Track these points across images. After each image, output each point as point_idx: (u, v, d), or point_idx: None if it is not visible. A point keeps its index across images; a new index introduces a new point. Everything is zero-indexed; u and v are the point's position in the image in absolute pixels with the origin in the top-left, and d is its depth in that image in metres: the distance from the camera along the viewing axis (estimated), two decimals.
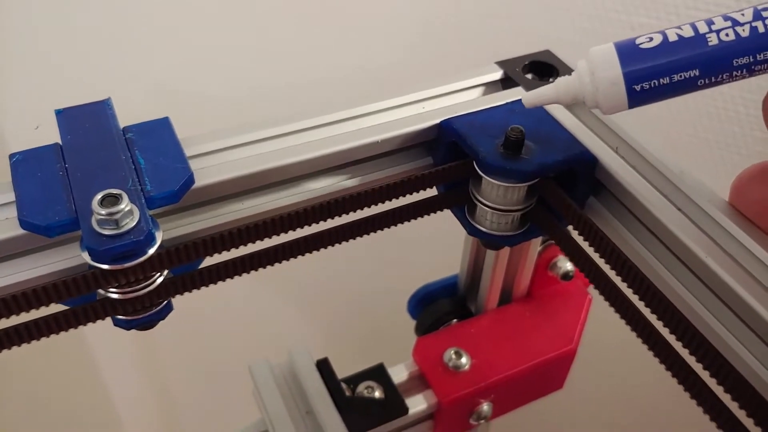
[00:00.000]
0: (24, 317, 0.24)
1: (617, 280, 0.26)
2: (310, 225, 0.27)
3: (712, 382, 0.23)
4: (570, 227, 0.28)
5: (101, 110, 0.28)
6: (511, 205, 0.28)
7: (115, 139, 0.26)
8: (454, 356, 0.37)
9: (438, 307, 0.41)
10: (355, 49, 0.68)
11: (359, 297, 0.78)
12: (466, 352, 0.38)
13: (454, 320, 0.41)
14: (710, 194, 0.26)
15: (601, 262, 0.27)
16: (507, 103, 0.30)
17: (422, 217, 0.29)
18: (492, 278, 0.38)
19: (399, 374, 0.38)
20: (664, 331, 0.25)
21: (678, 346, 0.24)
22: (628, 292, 0.26)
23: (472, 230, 0.29)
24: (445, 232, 0.40)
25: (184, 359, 0.87)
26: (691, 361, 0.24)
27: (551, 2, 0.62)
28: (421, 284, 0.43)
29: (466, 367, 0.37)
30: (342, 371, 0.38)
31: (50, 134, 0.28)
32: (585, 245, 0.27)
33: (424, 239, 0.61)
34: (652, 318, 0.25)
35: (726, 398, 0.23)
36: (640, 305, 0.25)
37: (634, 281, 0.25)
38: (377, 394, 0.36)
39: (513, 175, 0.26)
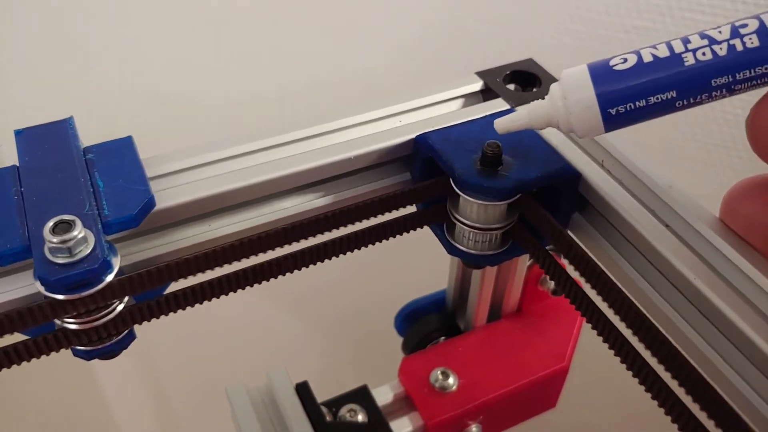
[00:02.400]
0: None
1: (600, 301, 0.25)
2: (281, 246, 0.26)
3: (702, 415, 0.22)
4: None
5: (62, 130, 0.27)
6: (490, 224, 0.26)
7: (74, 160, 0.25)
8: (440, 376, 0.36)
9: (425, 324, 0.40)
10: (352, 56, 0.67)
11: (354, 309, 0.76)
12: (453, 371, 0.36)
13: (442, 338, 0.39)
14: (699, 210, 0.25)
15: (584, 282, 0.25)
16: (485, 116, 0.28)
17: (399, 235, 0.28)
18: (479, 294, 0.37)
19: (383, 396, 0.36)
20: (653, 360, 0.23)
21: (665, 372, 0.23)
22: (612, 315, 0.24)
23: (451, 249, 0.28)
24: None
25: (181, 369, 0.86)
26: (679, 390, 0.22)
27: (544, 5, 0.61)
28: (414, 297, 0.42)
29: (454, 387, 0.36)
30: (334, 386, 0.36)
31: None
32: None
33: (419, 250, 0.60)
34: (640, 345, 0.24)
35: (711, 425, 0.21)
36: (627, 330, 0.24)
37: (618, 304, 0.24)
38: (360, 417, 0.35)
39: (490, 192, 0.25)
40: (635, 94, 0.21)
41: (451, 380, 0.36)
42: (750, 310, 0.22)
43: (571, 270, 0.26)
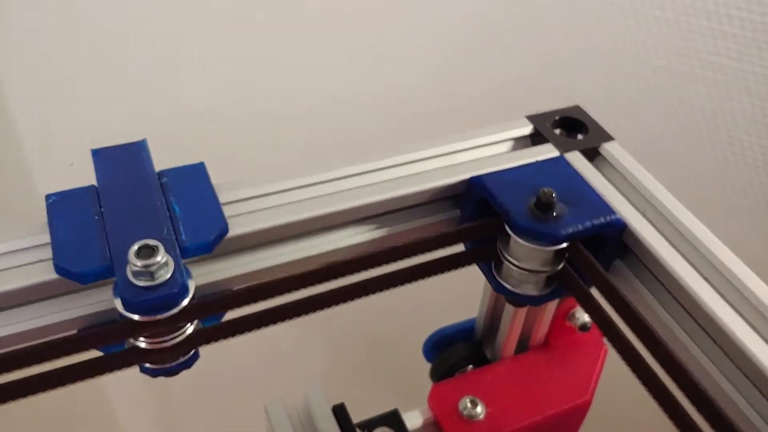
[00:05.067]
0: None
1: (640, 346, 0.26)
2: (340, 277, 0.27)
3: None
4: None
5: (137, 151, 0.28)
6: (539, 266, 0.28)
7: (150, 183, 0.27)
8: (469, 405, 0.37)
9: (453, 352, 0.41)
10: (382, 71, 0.68)
11: (384, 333, 0.77)
12: (481, 400, 0.37)
13: (470, 366, 0.41)
14: (736, 263, 0.26)
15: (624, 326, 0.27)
16: (537, 162, 0.30)
17: (449, 272, 0.29)
18: (510, 327, 0.38)
19: (413, 420, 0.37)
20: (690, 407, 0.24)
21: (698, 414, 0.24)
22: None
23: (497, 287, 0.29)
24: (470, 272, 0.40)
25: (200, 397, 0.86)
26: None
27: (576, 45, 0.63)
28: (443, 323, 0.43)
29: (481, 416, 0.37)
30: (364, 409, 0.37)
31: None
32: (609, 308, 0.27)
33: (453, 280, 0.61)
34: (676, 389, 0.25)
35: None
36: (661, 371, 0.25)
37: (657, 350, 0.25)
38: None
39: (544, 237, 0.26)
40: None
41: (479, 409, 0.37)
42: None
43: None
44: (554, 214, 0.27)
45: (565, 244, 0.27)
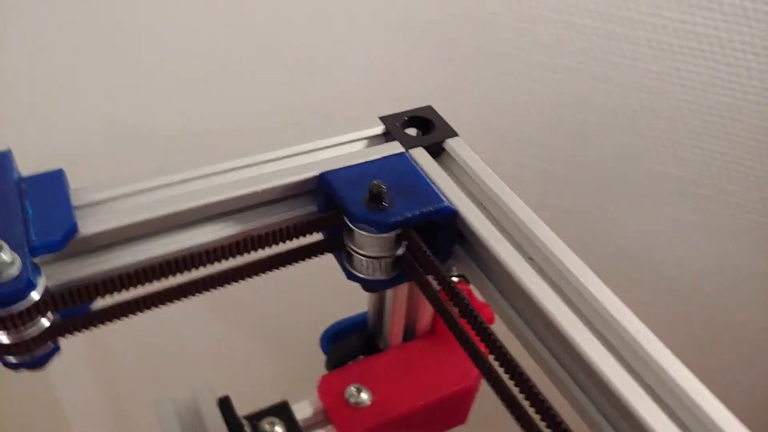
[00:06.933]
0: None
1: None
2: (198, 268, 0.29)
3: None
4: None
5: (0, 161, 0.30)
6: (379, 253, 0.30)
7: (8, 189, 0.29)
8: (355, 392, 0.39)
9: (346, 344, 0.43)
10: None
11: (291, 328, 0.79)
12: (367, 388, 0.40)
13: (361, 356, 0.43)
14: (559, 245, 0.29)
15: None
16: (380, 158, 0.32)
17: (304, 260, 0.31)
18: (393, 315, 0.40)
19: (303, 411, 0.39)
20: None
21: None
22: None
23: (349, 275, 0.32)
24: None
25: (137, 376, 0.88)
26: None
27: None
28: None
29: (367, 402, 0.39)
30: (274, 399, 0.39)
31: None
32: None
33: None
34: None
35: None
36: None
37: (488, 339, 0.27)
38: (278, 430, 0.38)
39: (376, 225, 0.29)
40: None
41: (364, 396, 0.39)
42: (600, 343, 0.25)
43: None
44: (385, 204, 0.29)
45: (397, 231, 0.29)
